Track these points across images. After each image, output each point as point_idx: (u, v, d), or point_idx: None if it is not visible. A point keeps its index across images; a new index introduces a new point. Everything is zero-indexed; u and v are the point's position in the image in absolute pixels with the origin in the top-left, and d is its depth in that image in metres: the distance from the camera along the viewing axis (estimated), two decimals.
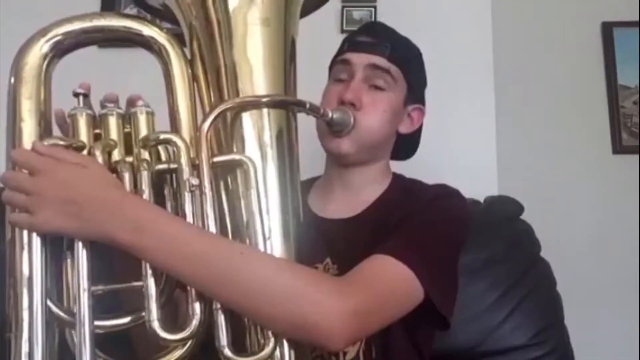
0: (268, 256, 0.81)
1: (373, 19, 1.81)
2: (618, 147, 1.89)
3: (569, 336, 1.51)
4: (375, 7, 1.82)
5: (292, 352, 0.79)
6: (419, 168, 1.26)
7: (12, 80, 0.80)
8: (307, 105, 0.87)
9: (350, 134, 1.08)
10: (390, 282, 0.92)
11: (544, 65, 1.89)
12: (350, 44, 1.16)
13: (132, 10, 1.72)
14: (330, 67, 1.20)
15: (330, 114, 1.02)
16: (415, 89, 1.18)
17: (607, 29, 1.91)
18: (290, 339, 0.79)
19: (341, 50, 1.17)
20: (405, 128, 1.18)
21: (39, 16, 0.87)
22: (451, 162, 1.70)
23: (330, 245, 1.08)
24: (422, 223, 1.02)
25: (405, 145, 1.22)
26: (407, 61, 1.15)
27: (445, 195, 1.11)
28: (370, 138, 1.10)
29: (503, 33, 1.87)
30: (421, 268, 0.93)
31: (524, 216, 1.60)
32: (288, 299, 0.77)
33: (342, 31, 1.78)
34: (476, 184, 1.62)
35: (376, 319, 0.88)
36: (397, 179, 1.20)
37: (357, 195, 1.15)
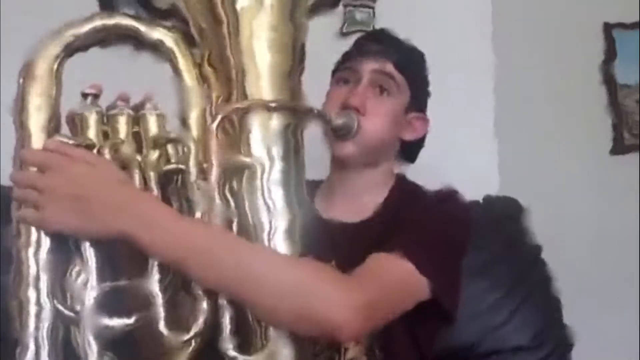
0: (275, 252, 0.81)
1: (373, 20, 1.81)
2: (618, 146, 1.89)
3: (569, 336, 1.52)
4: (374, 8, 1.82)
5: (294, 352, 0.79)
6: (419, 168, 1.26)
7: (22, 79, 0.79)
8: (315, 112, 0.88)
9: (353, 138, 1.10)
10: (395, 277, 0.95)
11: (544, 64, 1.89)
12: (357, 50, 1.18)
13: (130, 10, 1.71)
14: (334, 72, 1.20)
15: (333, 121, 1.04)
16: (418, 98, 1.19)
17: (608, 30, 1.90)
18: (294, 335, 0.79)
19: (347, 57, 1.18)
20: (408, 135, 1.20)
21: (39, 16, 0.87)
22: (451, 162, 1.70)
23: (335, 248, 1.09)
24: (426, 223, 1.04)
25: (408, 151, 1.23)
26: (411, 69, 1.17)
27: (448, 198, 1.13)
28: (373, 142, 1.12)
29: (503, 33, 1.87)
30: (426, 264, 0.96)
31: (524, 216, 1.60)
32: (296, 292, 0.78)
33: (343, 32, 1.79)
34: (476, 184, 1.63)
35: (382, 313, 0.90)
36: (400, 181, 1.21)
37: (358, 199, 1.16)
